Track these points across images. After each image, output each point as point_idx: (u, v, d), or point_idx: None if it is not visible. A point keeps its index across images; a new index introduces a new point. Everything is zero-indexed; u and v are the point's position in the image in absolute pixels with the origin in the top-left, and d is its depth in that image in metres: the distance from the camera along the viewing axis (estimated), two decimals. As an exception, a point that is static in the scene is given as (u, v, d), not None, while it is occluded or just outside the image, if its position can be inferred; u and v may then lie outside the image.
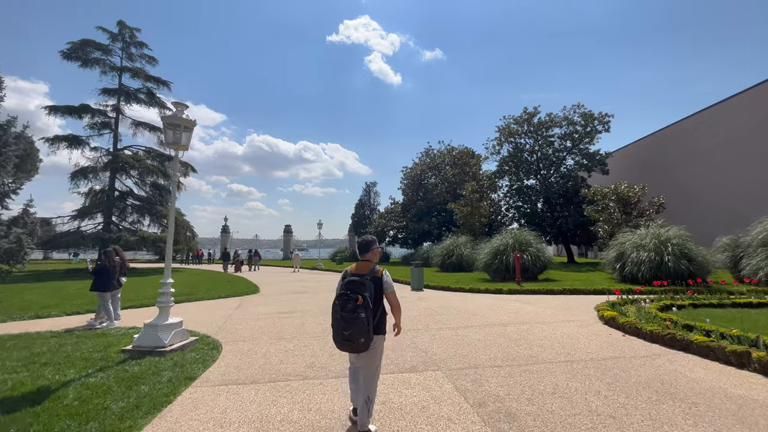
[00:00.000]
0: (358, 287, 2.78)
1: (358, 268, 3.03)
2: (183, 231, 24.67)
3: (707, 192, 22.46)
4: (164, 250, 26.06)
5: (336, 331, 2.78)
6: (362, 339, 2.69)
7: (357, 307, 2.69)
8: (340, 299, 2.79)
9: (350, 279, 2.87)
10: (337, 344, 2.81)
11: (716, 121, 22.95)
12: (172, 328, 5.46)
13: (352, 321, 2.68)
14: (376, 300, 2.90)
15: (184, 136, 5.92)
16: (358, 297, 2.72)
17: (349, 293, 2.76)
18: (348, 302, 2.73)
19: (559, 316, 7.87)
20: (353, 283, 2.82)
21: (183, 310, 9.06)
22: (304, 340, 6.00)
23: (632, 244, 13.07)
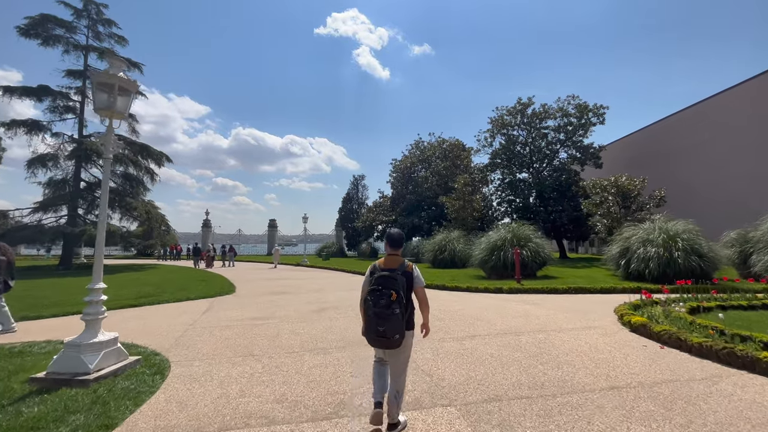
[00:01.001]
0: (390, 282, 2.72)
1: (388, 263, 2.93)
2: (157, 225, 22.94)
3: (706, 185, 21.99)
4: (141, 246, 24.32)
5: (369, 326, 2.73)
6: (397, 335, 2.67)
7: (391, 302, 2.63)
8: (372, 295, 2.71)
9: (381, 274, 2.79)
10: (370, 341, 2.80)
11: (713, 113, 22.50)
12: (101, 347, 4.21)
13: (387, 317, 2.63)
14: (407, 295, 2.83)
15: (119, 101, 4.63)
16: (391, 292, 2.66)
17: (381, 288, 2.70)
18: (381, 298, 2.67)
19: (574, 321, 6.90)
20: (385, 278, 2.75)
21: (140, 315, 7.74)
22: (276, 358, 4.83)
23: (638, 239, 12.29)
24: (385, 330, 2.64)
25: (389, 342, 2.70)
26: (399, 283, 2.74)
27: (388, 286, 2.70)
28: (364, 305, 2.79)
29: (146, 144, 23.97)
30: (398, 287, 2.71)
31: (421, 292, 2.97)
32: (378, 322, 2.65)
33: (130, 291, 11.44)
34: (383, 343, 2.73)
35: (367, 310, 2.73)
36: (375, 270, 2.93)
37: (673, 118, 26.14)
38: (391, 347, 2.76)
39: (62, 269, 20.05)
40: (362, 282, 3.03)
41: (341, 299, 9.88)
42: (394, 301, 2.64)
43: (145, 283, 13.95)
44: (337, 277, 16.41)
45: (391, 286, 2.70)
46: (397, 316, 2.63)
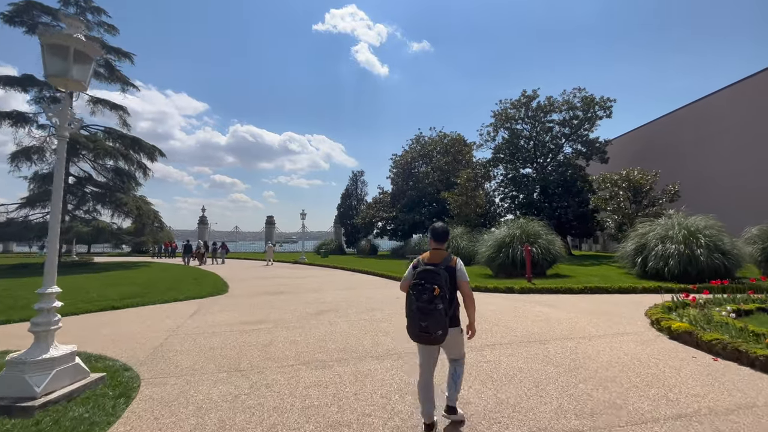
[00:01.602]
0: (433, 277, 2.65)
1: (432, 257, 2.89)
2: (149, 221, 22.12)
3: (721, 179, 21.06)
4: (133, 243, 23.45)
5: (412, 321, 2.70)
6: (440, 331, 2.61)
7: (434, 297, 2.58)
8: (415, 289, 2.67)
9: (424, 268, 2.73)
10: (413, 336, 2.75)
11: (727, 104, 21.69)
12: (52, 364, 3.47)
13: (429, 312, 2.58)
14: (451, 290, 2.75)
15: (76, 68, 3.87)
16: (434, 287, 2.60)
17: (424, 283, 2.64)
18: (423, 292, 2.62)
19: (602, 326, 6.20)
20: (428, 272, 2.68)
21: (119, 319, 6.99)
22: (267, 374, 4.11)
23: (656, 235, 11.60)
24: (427, 325, 2.59)
25: (432, 338, 2.64)
26: (442, 277, 2.66)
27: (430, 280, 2.64)
28: (407, 300, 2.75)
29: (138, 137, 23.12)
30: (441, 282, 2.63)
31: (465, 288, 2.87)
32: (420, 317, 2.61)
33: (115, 291, 10.68)
34: (426, 339, 2.68)
35: (410, 305, 2.70)
36: (418, 264, 2.87)
37: (682, 110, 25.32)
38: (434, 343, 2.72)
39: (50, 267, 19.23)
40: (402, 280, 2.97)
41: (341, 300, 9.16)
42: (436, 296, 2.58)
43: (133, 282, 13.20)
44: (336, 276, 15.69)
45: (434, 281, 2.62)
46: (440, 311, 2.58)
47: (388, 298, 9.40)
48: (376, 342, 5.35)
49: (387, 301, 8.84)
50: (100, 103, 22.89)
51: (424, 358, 2.87)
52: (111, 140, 22.15)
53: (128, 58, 22.79)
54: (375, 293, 10.30)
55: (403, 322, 6.54)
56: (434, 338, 2.64)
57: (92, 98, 22.74)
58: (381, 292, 10.42)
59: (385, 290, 10.89)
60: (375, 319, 6.92)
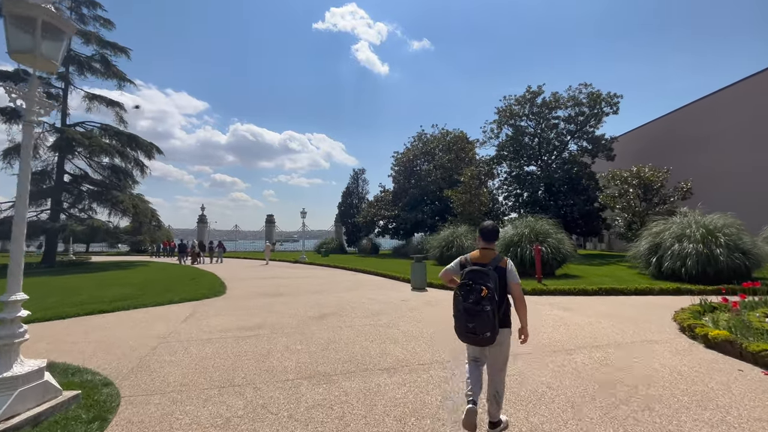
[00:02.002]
0: (481, 277, 2.59)
1: (481, 257, 2.79)
2: (146, 220, 21.65)
3: (734, 175, 20.57)
4: (129, 242, 23.06)
5: (459, 322, 2.65)
6: (488, 333, 2.54)
7: (481, 299, 2.52)
8: (462, 289, 2.62)
9: (472, 268, 2.67)
10: (460, 336, 2.70)
11: (740, 100, 21.15)
12: (15, 384, 3.01)
13: (476, 313, 2.53)
14: (501, 292, 2.65)
15: (45, 44, 3.39)
16: (482, 288, 2.54)
17: (472, 284, 2.59)
18: (471, 293, 2.57)
19: (626, 331, 5.74)
20: (476, 272, 2.62)
21: (108, 324, 6.52)
22: (264, 391, 3.64)
23: (672, 234, 11.13)
24: (474, 327, 2.55)
25: (479, 339, 2.60)
26: (491, 278, 2.58)
27: (478, 281, 2.58)
28: (454, 299, 2.68)
29: (135, 134, 22.61)
30: (490, 283, 2.56)
31: (517, 290, 2.76)
32: (467, 318, 2.57)
33: (108, 292, 10.23)
34: (474, 340, 2.64)
35: (456, 305, 2.66)
36: (465, 263, 2.81)
37: (690, 107, 24.81)
38: (481, 344, 2.67)
39: (44, 267, 18.82)
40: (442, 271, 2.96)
41: (344, 302, 8.70)
42: (484, 298, 2.52)
43: (128, 282, 12.74)
44: (337, 276, 15.23)
45: (482, 282, 2.57)
46: (487, 313, 2.51)
47: (394, 300, 8.94)
48: (384, 351, 4.88)
49: (392, 304, 8.38)
50: (96, 99, 22.39)
51: (474, 354, 2.83)
52: (107, 137, 21.66)
53: (124, 53, 22.29)
54: (379, 295, 9.84)
55: (411, 328, 6.09)
56: (482, 339, 2.58)
57: (88, 94, 22.25)
58: (385, 294, 9.96)
59: (390, 292, 10.44)
60: (381, 324, 6.45)
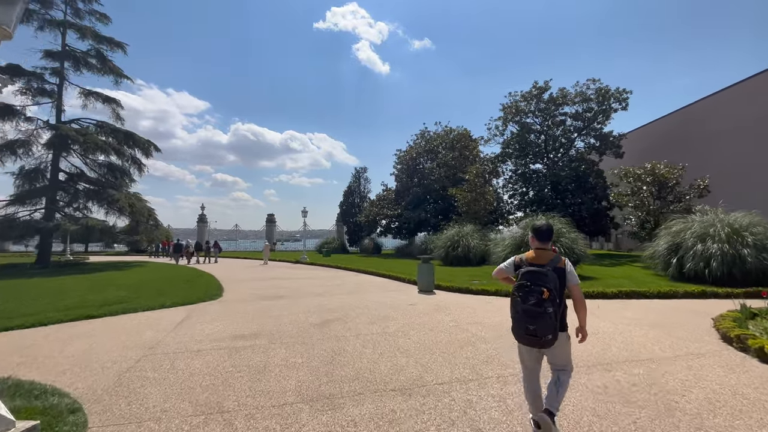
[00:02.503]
0: (540, 278, 2.51)
1: (538, 257, 2.70)
2: (144, 219, 21.11)
3: (746, 174, 19.93)
4: (124, 241, 22.57)
5: (518, 324, 2.57)
6: (550, 335, 2.47)
7: (543, 301, 2.43)
8: (520, 290, 2.54)
9: (530, 269, 2.58)
10: (518, 338, 2.64)
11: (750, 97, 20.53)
12: (-50, 419, 2.45)
13: (537, 316, 2.44)
14: (560, 293, 2.55)
15: None
16: (542, 290, 2.45)
17: (530, 285, 2.50)
18: (530, 294, 2.48)
19: (663, 342, 5.16)
20: (535, 274, 2.54)
21: (92, 332, 5.96)
22: (258, 420, 3.08)
23: (693, 233, 10.53)
24: (535, 329, 2.47)
25: (541, 342, 2.52)
26: (550, 279, 2.51)
27: (537, 282, 2.50)
28: (511, 301, 2.63)
29: (131, 131, 22.06)
30: (550, 284, 2.49)
31: (576, 291, 2.72)
32: (527, 321, 2.49)
33: (98, 296, 9.69)
34: (534, 342, 2.57)
35: (515, 306, 2.59)
36: (521, 263, 2.74)
37: (698, 104, 24.17)
38: (543, 347, 2.60)
39: (38, 268, 18.30)
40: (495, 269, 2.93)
41: (348, 307, 8.14)
42: (545, 300, 2.44)
43: (121, 284, 12.20)
44: (339, 277, 14.68)
45: (542, 283, 2.49)
46: (549, 315, 2.43)
47: (401, 304, 8.37)
48: (396, 366, 4.32)
49: (400, 309, 7.82)
50: (92, 95, 21.87)
51: (530, 362, 2.75)
52: (103, 134, 21.12)
53: (121, 48, 21.74)
54: (384, 298, 9.28)
55: (423, 337, 5.50)
56: (543, 342, 2.52)
57: (83, 90, 21.73)
58: (391, 297, 9.40)
59: (396, 294, 9.87)
60: (389, 332, 5.89)
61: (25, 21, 19.53)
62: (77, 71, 21.26)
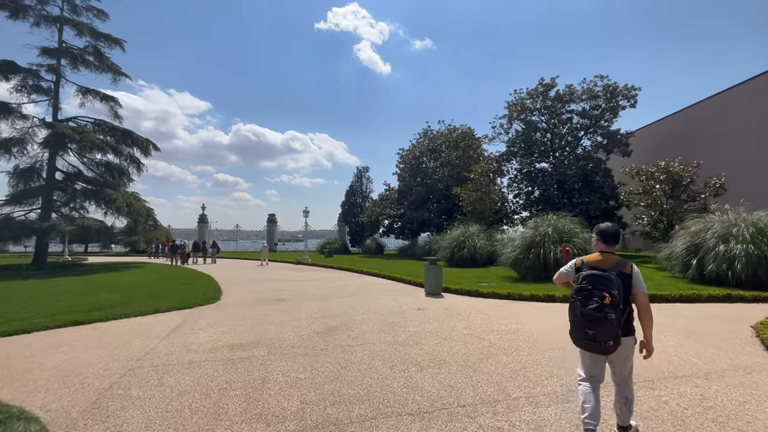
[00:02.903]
0: (602, 283, 2.42)
1: (601, 261, 2.60)
2: (142, 219, 20.68)
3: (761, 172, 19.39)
4: (121, 242, 22.23)
5: (577, 328, 2.49)
6: (611, 342, 2.36)
7: (604, 306, 2.35)
8: (580, 294, 2.48)
9: (592, 273, 2.49)
10: (577, 341, 2.56)
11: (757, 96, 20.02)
12: None
13: (598, 321, 2.35)
14: (624, 299, 2.46)
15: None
16: (604, 294, 2.36)
17: (591, 289, 2.42)
18: (590, 299, 2.41)
19: (703, 353, 4.68)
20: (597, 277, 2.45)
21: (76, 340, 5.50)
22: (254, 454, 2.61)
23: (715, 233, 10.03)
24: (595, 334, 2.37)
25: (600, 347, 2.41)
26: (614, 284, 2.40)
27: (599, 286, 2.40)
28: (570, 304, 2.54)
29: (130, 130, 21.64)
30: (613, 289, 2.38)
31: (642, 299, 2.54)
32: (587, 325, 2.40)
33: (91, 299, 9.25)
34: (593, 347, 2.46)
35: (573, 310, 2.50)
36: (582, 266, 2.64)
37: (716, 98, 23.53)
38: (604, 353, 2.48)
39: (34, 269, 17.88)
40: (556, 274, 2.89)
41: (353, 311, 7.68)
42: (607, 305, 2.34)
43: (115, 287, 11.76)
44: (342, 279, 14.22)
45: (604, 287, 2.39)
46: (611, 321, 2.33)
47: (408, 309, 7.90)
48: (410, 383, 3.84)
49: (408, 314, 7.35)
50: (89, 93, 21.46)
51: (590, 366, 2.65)
52: (101, 133, 20.70)
53: (119, 45, 21.33)
54: (390, 302, 8.81)
55: (437, 348, 4.99)
56: (603, 348, 2.41)
57: (81, 88, 21.31)
58: (398, 301, 8.93)
59: (402, 298, 9.40)
60: (399, 341, 5.42)
61: (22, 18, 19.15)
62: (74, 69, 20.87)
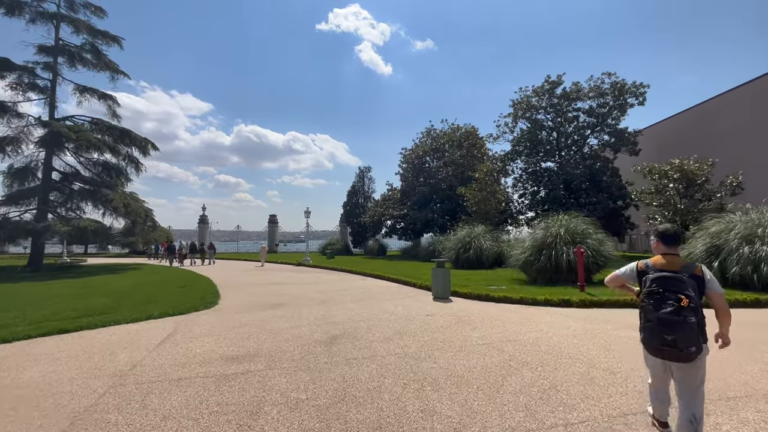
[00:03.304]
0: (676, 285, 2.29)
1: (668, 263, 2.47)
2: (140, 220, 20.26)
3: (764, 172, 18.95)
4: (119, 243, 21.82)
5: (652, 334, 2.33)
6: (693, 347, 2.23)
7: (681, 309, 2.22)
8: (651, 298, 2.35)
9: (662, 275, 2.36)
10: (652, 350, 2.41)
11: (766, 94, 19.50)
12: None
13: (677, 325, 2.22)
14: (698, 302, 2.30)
15: None
16: (680, 297, 2.24)
17: (663, 291, 2.30)
18: (664, 302, 2.28)
19: (748, 368, 4.23)
20: (669, 280, 2.33)
21: (59, 351, 5.05)
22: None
23: (737, 234, 9.54)
24: (675, 339, 2.22)
25: (681, 354, 2.26)
26: (688, 286, 2.27)
27: (671, 289, 2.28)
28: (642, 309, 2.42)
29: (128, 129, 21.23)
30: (689, 292, 2.24)
31: (720, 301, 2.43)
32: (664, 330, 2.25)
33: (81, 304, 8.81)
34: (673, 355, 2.30)
35: (647, 315, 2.37)
36: (647, 269, 2.52)
37: (726, 95, 23.04)
38: (682, 360, 2.32)
39: (29, 271, 17.47)
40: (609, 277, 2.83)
41: (357, 318, 7.21)
42: (685, 308, 2.21)
43: (112, 290, 11.33)
44: (345, 281, 13.75)
45: (678, 290, 2.26)
46: (691, 325, 2.20)
47: (417, 315, 7.43)
48: (427, 407, 3.37)
49: (416, 321, 6.88)
50: (87, 92, 21.07)
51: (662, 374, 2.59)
52: (98, 132, 20.30)
53: (116, 42, 20.94)
54: (397, 307, 8.34)
55: (452, 362, 4.47)
56: (684, 355, 2.25)
57: (78, 86, 20.93)
58: (404, 306, 8.46)
59: (409, 302, 8.93)
60: (409, 353, 4.95)
61: (18, 15, 18.77)
62: (72, 67, 20.47)
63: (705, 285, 2.42)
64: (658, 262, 2.51)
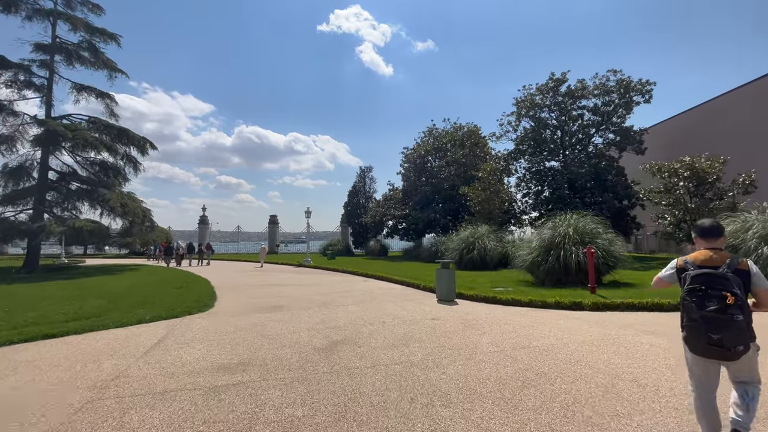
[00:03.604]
0: (717, 281, 2.17)
1: (710, 259, 2.32)
2: (138, 220, 19.94)
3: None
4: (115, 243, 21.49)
5: (696, 333, 2.21)
6: (740, 346, 2.11)
7: (727, 306, 2.10)
8: (693, 295, 2.23)
9: (702, 272, 2.24)
10: (696, 350, 2.26)
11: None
12: None
13: (723, 323, 2.10)
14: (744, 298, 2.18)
15: None
16: (725, 294, 2.11)
17: (705, 289, 2.18)
18: (706, 300, 2.15)
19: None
20: (711, 276, 2.20)
21: (42, 358, 4.69)
22: None
23: (755, 234, 9.16)
24: (721, 338, 2.10)
25: (728, 354, 2.14)
26: (733, 283, 2.14)
27: (715, 286, 2.16)
28: (684, 308, 2.30)
29: (126, 128, 20.93)
30: (734, 288, 2.11)
31: (765, 297, 2.24)
32: (709, 329, 2.13)
33: (73, 306, 8.46)
34: (720, 354, 2.17)
35: (690, 313, 2.24)
36: (687, 265, 2.38)
37: (735, 92, 22.65)
38: (731, 359, 2.19)
39: (24, 272, 17.16)
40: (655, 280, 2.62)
41: (359, 322, 6.84)
42: (731, 305, 2.08)
43: (106, 291, 10.99)
44: (347, 282, 13.39)
45: (722, 287, 2.14)
46: (738, 323, 2.07)
47: (421, 319, 7.06)
48: (438, 426, 2.99)
49: (421, 325, 6.51)
50: (84, 90, 20.77)
51: (705, 377, 2.36)
52: (96, 131, 20.00)
53: (114, 40, 20.64)
54: (400, 310, 7.97)
55: (462, 372, 3.98)
56: (731, 354, 2.13)
57: (76, 85, 20.63)
58: (408, 309, 8.09)
59: (413, 305, 8.56)
60: (415, 361, 4.58)
61: (13, 10, 18.48)
62: (69, 65, 20.18)
63: (750, 280, 2.26)
64: (699, 257, 2.39)
